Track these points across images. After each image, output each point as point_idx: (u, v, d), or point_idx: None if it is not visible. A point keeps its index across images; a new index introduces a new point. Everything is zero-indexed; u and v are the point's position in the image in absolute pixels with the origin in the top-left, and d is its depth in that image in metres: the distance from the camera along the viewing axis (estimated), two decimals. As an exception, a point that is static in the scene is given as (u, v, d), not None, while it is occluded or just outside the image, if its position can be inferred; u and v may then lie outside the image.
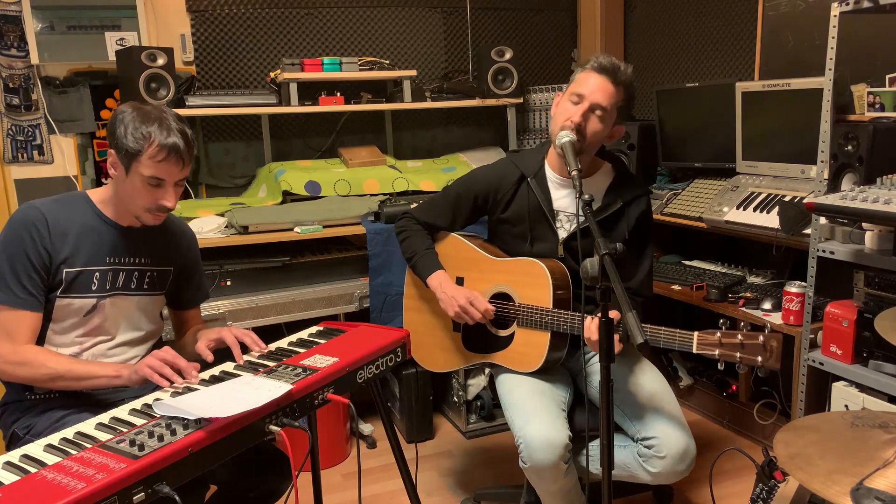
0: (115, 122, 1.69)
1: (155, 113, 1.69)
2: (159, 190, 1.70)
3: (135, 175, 1.68)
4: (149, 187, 1.69)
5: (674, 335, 1.82)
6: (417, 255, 2.23)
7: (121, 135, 1.66)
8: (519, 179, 2.17)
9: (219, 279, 2.79)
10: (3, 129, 3.10)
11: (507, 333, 2.14)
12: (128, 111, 1.69)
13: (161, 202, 1.71)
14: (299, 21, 3.52)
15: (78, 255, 1.73)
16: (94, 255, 1.75)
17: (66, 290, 1.72)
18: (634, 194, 2.12)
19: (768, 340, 1.70)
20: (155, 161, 1.66)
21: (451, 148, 3.79)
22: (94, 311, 1.77)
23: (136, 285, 1.84)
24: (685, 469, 1.92)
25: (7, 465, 1.29)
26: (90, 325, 1.78)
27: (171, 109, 1.76)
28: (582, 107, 1.96)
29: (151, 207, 1.72)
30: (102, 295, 1.77)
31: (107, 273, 1.77)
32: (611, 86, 1.97)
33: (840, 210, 2.09)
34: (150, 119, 1.67)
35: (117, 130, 1.67)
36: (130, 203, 1.74)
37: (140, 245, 1.84)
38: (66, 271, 1.71)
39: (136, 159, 1.66)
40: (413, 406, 3.03)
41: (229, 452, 1.39)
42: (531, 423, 1.92)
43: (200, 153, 3.41)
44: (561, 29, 4.06)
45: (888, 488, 1.23)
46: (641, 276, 2.13)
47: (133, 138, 1.65)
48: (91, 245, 1.75)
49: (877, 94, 2.29)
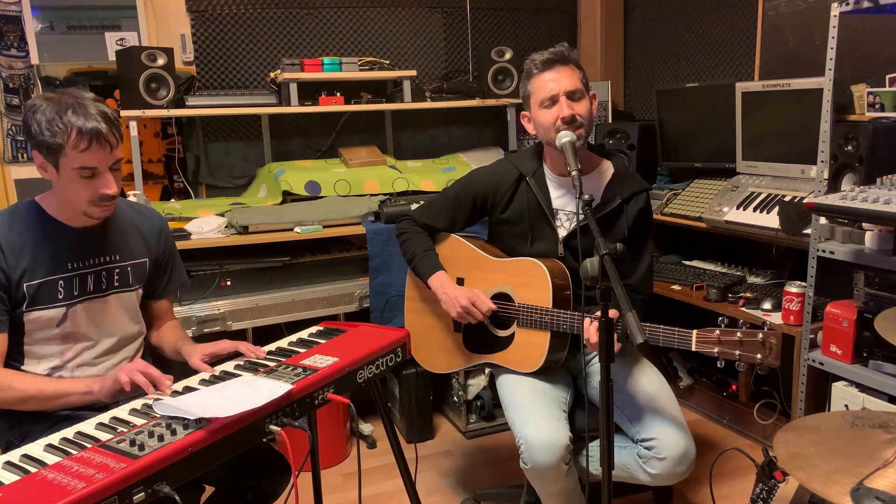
0: (28, 118, 1.57)
1: (67, 100, 1.56)
2: (96, 179, 1.60)
3: (65, 170, 1.58)
4: (84, 179, 1.59)
5: (672, 333, 1.82)
6: (418, 257, 2.23)
7: (37, 132, 1.55)
8: (517, 179, 2.17)
9: (219, 279, 2.79)
10: (3, 129, 3.10)
11: (507, 334, 2.14)
12: (39, 104, 1.57)
13: (102, 191, 1.61)
14: (299, 21, 3.52)
15: (37, 267, 1.65)
16: (54, 264, 1.67)
17: (32, 304, 1.66)
18: (633, 191, 2.12)
19: (767, 338, 1.70)
20: (79, 151, 1.55)
21: (451, 148, 3.79)
22: (66, 320, 1.71)
23: (106, 285, 1.77)
24: (685, 471, 1.92)
25: (7, 464, 1.29)
26: (66, 334, 1.72)
27: (87, 92, 1.63)
28: (562, 102, 1.98)
29: (94, 199, 1.62)
30: (71, 302, 1.71)
31: (71, 279, 1.70)
32: (566, 68, 2.01)
33: (840, 210, 2.09)
34: (63, 108, 1.54)
35: (32, 128, 1.56)
36: (73, 201, 1.63)
37: (104, 243, 1.76)
38: (26, 285, 1.64)
39: (61, 154, 1.55)
40: (413, 406, 3.03)
41: (229, 452, 1.39)
42: (532, 425, 1.92)
43: (200, 153, 3.41)
44: (561, 29, 4.05)
45: (888, 488, 1.23)
46: (641, 273, 2.13)
47: (50, 132, 1.54)
48: (49, 254, 1.67)
49: (877, 94, 2.29)
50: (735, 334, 1.73)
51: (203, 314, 2.71)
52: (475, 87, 3.59)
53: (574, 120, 1.97)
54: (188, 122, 3.34)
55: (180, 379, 1.67)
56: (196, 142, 3.39)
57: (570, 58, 2.03)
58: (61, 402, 1.63)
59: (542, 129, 2.04)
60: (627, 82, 4.04)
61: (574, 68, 2.03)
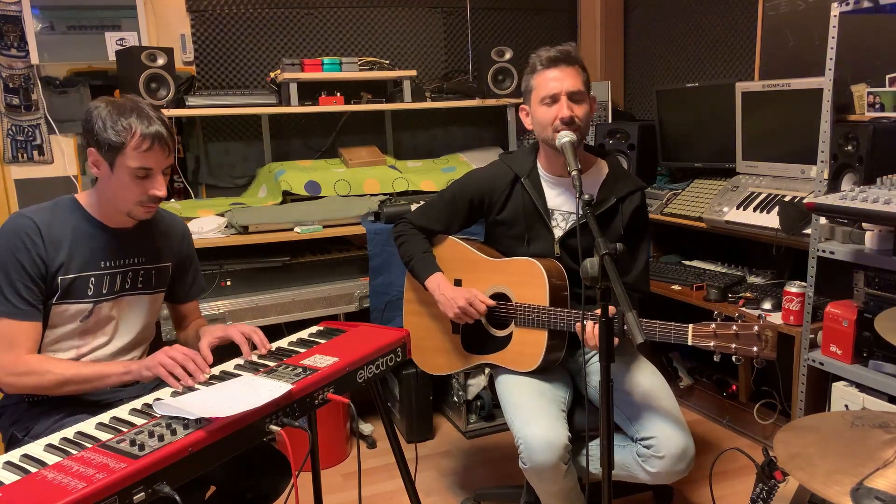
0: (91, 119, 1.64)
1: (130, 104, 1.66)
2: (148, 181, 1.67)
3: (121, 169, 1.65)
4: (137, 179, 1.66)
5: (668, 328, 1.82)
6: (415, 259, 2.24)
7: (100, 130, 1.62)
8: (513, 180, 2.17)
9: (219, 279, 2.79)
10: (3, 129, 3.10)
11: (505, 334, 2.14)
12: (102, 106, 1.65)
13: (152, 192, 1.68)
14: (299, 21, 3.52)
15: (73, 262, 1.70)
16: (88, 261, 1.73)
17: (62, 297, 1.70)
18: (628, 189, 2.13)
19: (763, 330, 1.70)
20: (140, 151, 1.63)
21: (451, 148, 3.79)
22: (90, 316, 1.75)
23: (131, 286, 1.82)
24: (684, 469, 1.92)
25: (7, 464, 1.28)
26: (86, 330, 1.76)
27: (144, 100, 1.73)
28: (563, 102, 1.98)
29: (143, 199, 1.69)
30: (99, 299, 1.75)
31: (103, 277, 1.75)
32: (571, 69, 2.01)
33: (840, 210, 2.09)
34: (126, 111, 1.63)
35: (95, 126, 1.63)
36: (121, 199, 1.70)
37: (134, 245, 1.81)
38: (61, 278, 1.69)
39: (120, 152, 1.63)
40: (413, 406, 3.03)
41: (230, 452, 1.39)
42: (531, 424, 1.92)
43: (200, 153, 3.41)
44: (561, 29, 4.05)
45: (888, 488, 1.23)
46: (637, 271, 2.13)
47: (114, 132, 1.61)
48: (85, 251, 1.73)
49: (877, 94, 2.29)
50: (731, 327, 1.74)
51: (203, 314, 2.69)
52: (475, 87, 3.59)
53: (572, 122, 1.97)
54: (188, 122, 3.34)
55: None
56: (196, 142, 3.39)
57: (576, 58, 2.03)
58: (99, 384, 1.67)
59: (539, 125, 2.04)
60: (627, 82, 4.04)
61: (579, 70, 2.02)
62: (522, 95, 2.12)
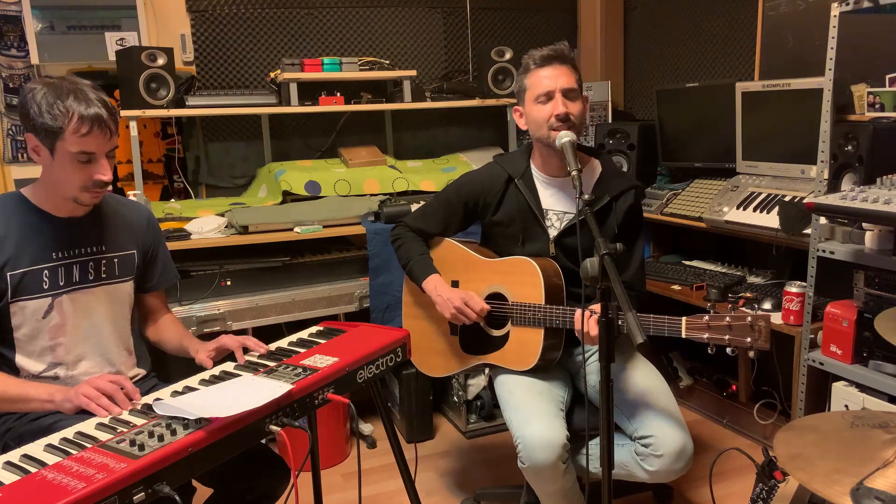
0: (26, 103, 1.55)
1: (67, 85, 1.56)
2: (91, 165, 1.59)
3: (62, 155, 1.57)
4: (79, 165, 1.58)
5: (662, 321, 1.82)
6: (412, 261, 2.24)
7: (36, 114, 1.54)
8: (507, 181, 2.18)
9: (219, 279, 2.79)
10: (3, 129, 3.10)
11: (502, 333, 2.14)
12: (38, 88, 1.55)
13: (97, 177, 1.61)
14: (299, 21, 3.52)
15: (21, 257, 1.65)
16: (38, 254, 1.67)
17: (16, 294, 1.65)
18: (622, 188, 2.13)
19: (756, 321, 1.70)
20: (80, 136, 1.55)
21: (451, 148, 3.79)
22: (52, 310, 1.70)
23: (93, 276, 1.75)
24: (683, 467, 1.92)
25: (7, 464, 1.29)
26: (55, 327, 1.71)
27: (83, 79, 1.63)
28: (557, 99, 1.99)
29: (87, 184, 1.61)
30: (57, 292, 1.69)
31: (56, 269, 1.69)
32: (564, 67, 2.02)
33: (840, 210, 2.09)
34: (63, 93, 1.54)
35: (31, 111, 1.54)
36: (64, 186, 1.62)
37: (90, 233, 1.75)
38: (9, 275, 1.63)
39: (59, 138, 1.55)
40: (413, 406, 3.03)
41: (229, 452, 1.39)
42: (529, 424, 1.92)
43: (200, 153, 3.41)
44: (561, 29, 4.05)
45: (888, 488, 1.23)
46: (632, 270, 2.13)
47: (51, 116, 1.53)
48: (34, 244, 1.67)
49: (877, 94, 2.29)
50: (724, 319, 1.74)
51: (203, 314, 2.71)
52: (475, 87, 3.59)
53: (567, 118, 1.97)
54: (188, 122, 3.34)
55: (180, 378, 1.67)
56: (196, 142, 3.39)
57: (569, 57, 2.04)
58: (23, 406, 1.61)
59: (534, 125, 2.05)
60: (627, 82, 4.04)
61: (572, 69, 2.04)
62: (516, 97, 2.13)
